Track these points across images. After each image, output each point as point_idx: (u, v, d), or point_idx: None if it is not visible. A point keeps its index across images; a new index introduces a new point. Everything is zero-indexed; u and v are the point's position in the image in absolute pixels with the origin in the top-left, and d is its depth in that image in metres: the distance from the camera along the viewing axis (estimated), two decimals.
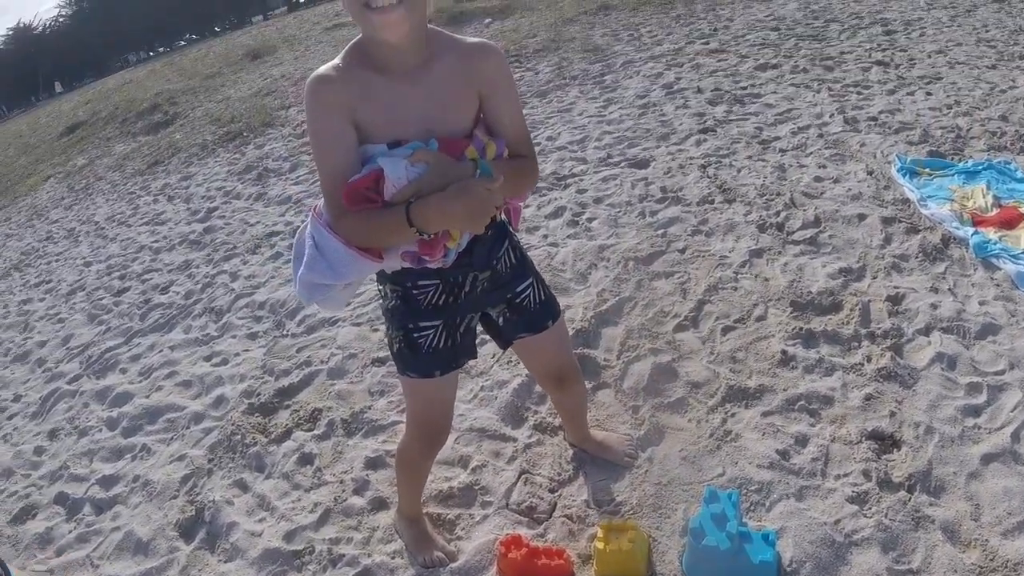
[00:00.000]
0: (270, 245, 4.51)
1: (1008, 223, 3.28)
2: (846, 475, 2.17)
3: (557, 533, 2.13)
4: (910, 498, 2.07)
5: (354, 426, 2.76)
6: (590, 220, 3.96)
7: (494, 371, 2.88)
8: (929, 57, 5.75)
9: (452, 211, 1.44)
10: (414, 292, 1.69)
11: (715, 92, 5.56)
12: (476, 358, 1.94)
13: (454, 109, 1.57)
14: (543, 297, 1.88)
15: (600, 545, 1.93)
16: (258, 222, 4.92)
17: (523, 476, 2.35)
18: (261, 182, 5.73)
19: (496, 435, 2.56)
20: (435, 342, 1.73)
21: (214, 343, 3.62)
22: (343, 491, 2.45)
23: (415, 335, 1.72)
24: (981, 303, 2.85)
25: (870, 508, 2.05)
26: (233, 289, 4.05)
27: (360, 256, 1.53)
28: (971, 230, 3.26)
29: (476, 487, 2.35)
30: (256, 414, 2.96)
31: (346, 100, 1.48)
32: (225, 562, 2.29)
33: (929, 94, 4.96)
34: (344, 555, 2.19)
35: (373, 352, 3.17)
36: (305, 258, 1.59)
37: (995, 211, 3.40)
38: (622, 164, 4.59)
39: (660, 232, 3.69)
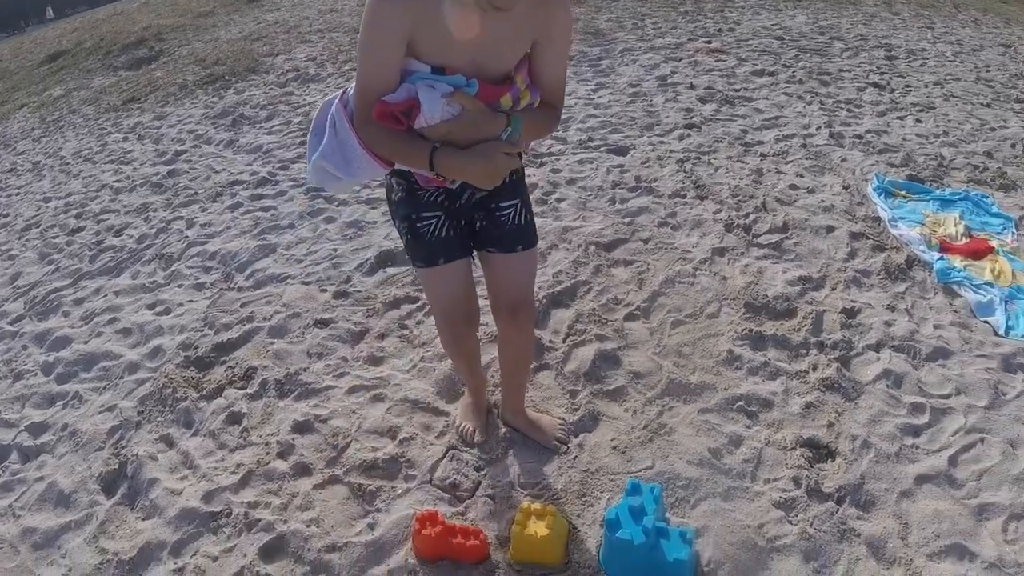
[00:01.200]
0: (232, 194, 4.37)
1: (976, 253, 3.26)
2: (776, 480, 2.13)
3: (478, 513, 2.07)
4: (838, 510, 2.03)
5: (287, 387, 2.67)
6: (559, 201, 3.89)
7: (437, 343, 2.81)
8: (926, 87, 5.74)
9: (472, 171, 1.55)
10: (417, 187, 1.77)
11: (707, 90, 5.49)
12: (472, 257, 1.95)
13: (507, 50, 1.58)
14: (522, 221, 1.88)
15: (517, 529, 1.87)
16: (224, 169, 4.77)
17: (450, 452, 2.29)
18: (234, 128, 5.58)
19: (429, 408, 2.48)
20: (437, 231, 1.81)
21: (160, 291, 3.50)
22: (267, 454, 2.37)
23: (418, 224, 1.80)
24: (936, 326, 2.82)
25: (796, 515, 2.01)
26: (187, 236, 3.93)
27: (374, 161, 1.63)
28: (937, 255, 3.23)
29: (402, 459, 2.28)
30: (191, 368, 2.86)
31: (407, 19, 1.46)
32: (143, 519, 2.20)
33: (919, 121, 4.94)
34: (260, 520, 2.11)
35: (318, 313, 3.08)
36: (322, 145, 1.67)
37: (965, 240, 3.38)
38: (601, 149, 4.52)
39: (627, 220, 3.63)
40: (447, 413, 2.45)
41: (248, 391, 2.68)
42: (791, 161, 4.29)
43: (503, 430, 2.33)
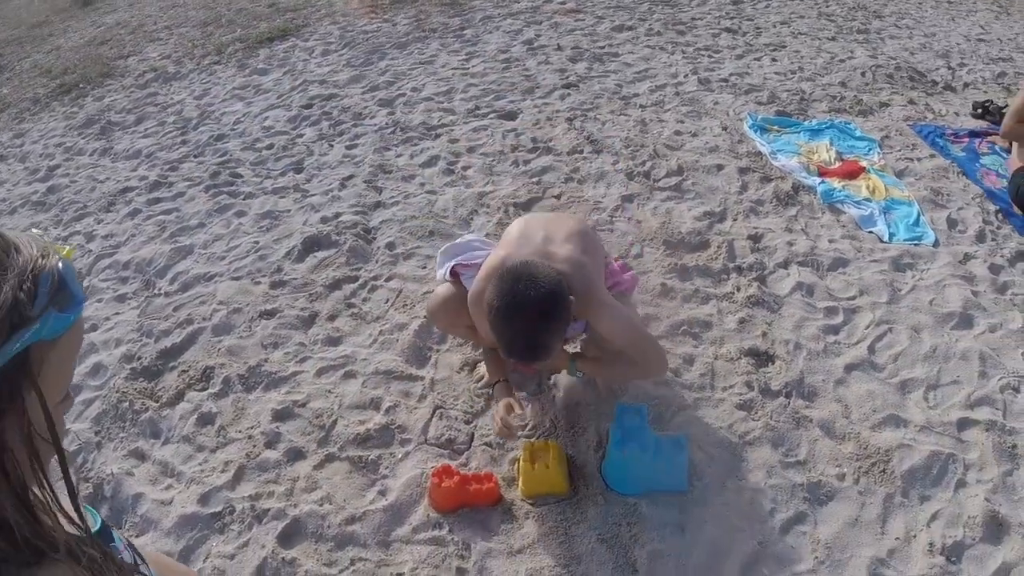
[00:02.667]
0: (126, 202, 4.17)
1: (850, 174, 3.70)
2: (731, 387, 2.42)
3: (479, 461, 2.22)
4: (789, 403, 2.35)
5: (252, 380, 2.67)
6: (465, 168, 4.02)
7: (390, 315, 2.90)
8: (774, 27, 6.24)
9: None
10: None
11: (575, 50, 5.73)
12: None
13: None
14: None
15: (526, 466, 2.04)
16: (108, 178, 4.53)
17: (437, 411, 2.41)
18: (105, 136, 5.28)
19: (403, 376, 2.59)
20: None
21: None
22: (254, 447, 2.38)
23: None
24: (831, 241, 3.21)
25: (756, 413, 2.31)
26: (91, 250, 3.76)
27: None
28: (818, 180, 3.64)
29: (392, 427, 2.38)
30: (140, 379, 2.79)
31: None
32: (138, 535, 2.16)
33: (775, 60, 5.40)
34: (269, 509, 2.15)
35: (259, 305, 3.07)
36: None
37: (838, 164, 3.82)
38: (491, 116, 4.66)
39: (535, 180, 3.82)
40: (422, 377, 2.57)
41: (212, 391, 2.66)
42: (669, 109, 4.61)
43: (479, 383, 2.49)
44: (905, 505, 2.06)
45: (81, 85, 6.61)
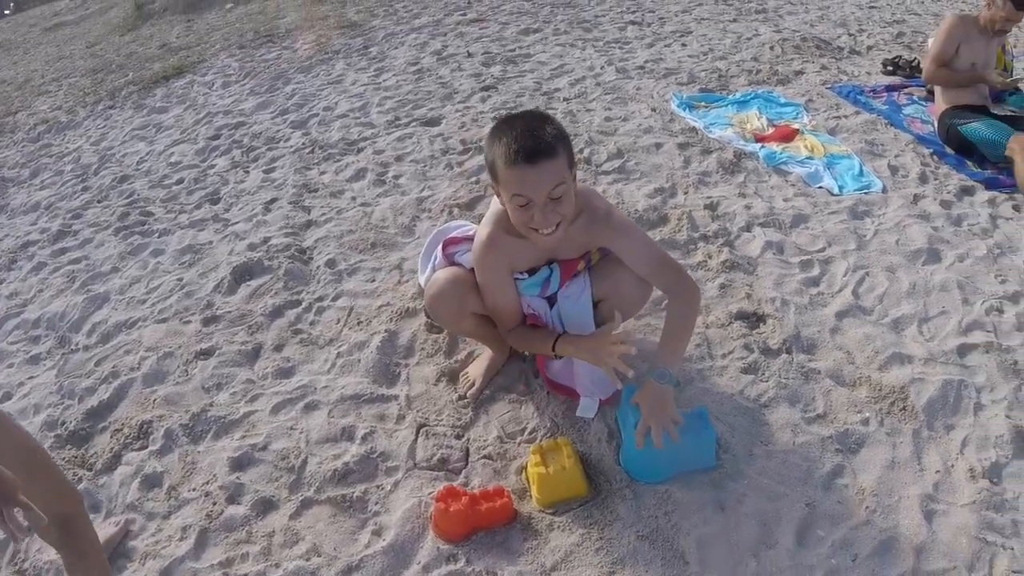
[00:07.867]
0: (28, 257, 3.77)
1: (786, 137, 3.69)
2: (731, 352, 2.29)
3: (481, 477, 1.98)
4: (792, 358, 2.24)
5: (198, 429, 2.34)
6: (397, 177, 3.80)
7: (345, 335, 2.64)
8: (676, 16, 6.32)
9: (582, 358, 1.97)
10: None
11: (486, 55, 5.61)
12: None
13: (576, 245, 2.00)
14: None
15: (538, 471, 1.82)
16: (6, 235, 4.10)
17: (422, 430, 2.16)
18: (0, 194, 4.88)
19: (373, 397, 2.32)
20: None
21: None
22: (214, 504, 2.05)
23: None
24: (785, 200, 3.15)
25: (764, 373, 2.20)
26: None
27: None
28: (757, 145, 3.60)
29: (373, 455, 2.10)
30: (68, 446, 2.42)
31: (504, 260, 1.98)
32: None
33: (685, 45, 5.42)
34: (247, 575, 1.84)
35: (193, 346, 2.74)
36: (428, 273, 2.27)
37: (772, 129, 3.79)
38: (412, 124, 4.46)
39: (473, 179, 3.63)
40: (395, 396, 2.31)
41: (153, 448, 2.31)
42: (593, 99, 4.52)
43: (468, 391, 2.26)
44: (934, 437, 1.99)
45: None
